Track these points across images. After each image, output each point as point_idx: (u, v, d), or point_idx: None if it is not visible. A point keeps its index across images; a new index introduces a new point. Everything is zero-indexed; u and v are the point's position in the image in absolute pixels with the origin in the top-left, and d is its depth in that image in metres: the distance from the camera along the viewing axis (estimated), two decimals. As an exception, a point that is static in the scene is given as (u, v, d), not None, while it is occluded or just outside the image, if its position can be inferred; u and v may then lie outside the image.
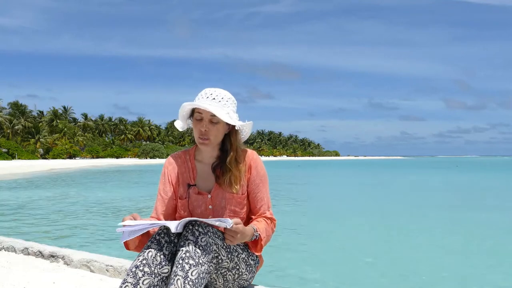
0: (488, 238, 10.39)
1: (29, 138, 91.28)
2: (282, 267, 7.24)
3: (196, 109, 2.32)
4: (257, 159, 2.46)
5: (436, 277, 6.95)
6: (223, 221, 2.07)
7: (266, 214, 2.42)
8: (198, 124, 2.33)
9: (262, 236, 2.31)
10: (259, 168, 2.45)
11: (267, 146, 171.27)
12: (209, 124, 2.31)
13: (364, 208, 16.29)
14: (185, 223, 2.12)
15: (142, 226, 2.11)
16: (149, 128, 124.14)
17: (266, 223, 2.39)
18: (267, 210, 2.43)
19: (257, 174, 2.43)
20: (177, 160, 2.49)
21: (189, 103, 2.30)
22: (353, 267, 7.53)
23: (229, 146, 2.40)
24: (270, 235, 2.40)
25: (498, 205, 17.55)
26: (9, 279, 3.13)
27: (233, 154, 2.39)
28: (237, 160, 2.40)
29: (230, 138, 2.40)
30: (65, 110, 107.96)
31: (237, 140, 2.41)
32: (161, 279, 2.05)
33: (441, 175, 45.19)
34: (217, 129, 2.32)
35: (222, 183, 2.38)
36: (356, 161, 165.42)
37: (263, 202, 2.43)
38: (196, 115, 2.34)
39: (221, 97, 2.32)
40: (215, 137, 2.33)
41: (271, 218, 2.43)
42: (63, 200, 18.08)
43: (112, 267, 3.25)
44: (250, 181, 2.42)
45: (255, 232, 2.27)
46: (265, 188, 2.46)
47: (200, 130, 2.32)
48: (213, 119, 2.30)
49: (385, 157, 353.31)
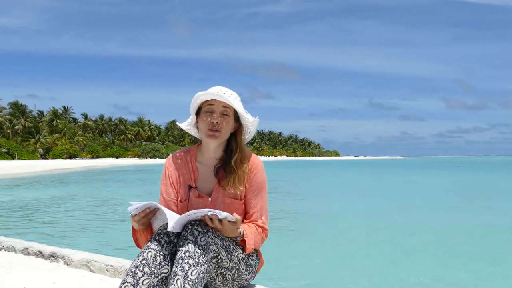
0: (492, 239, 10.38)
1: (29, 138, 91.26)
2: (282, 267, 7.24)
3: (206, 102, 2.30)
4: (258, 165, 2.42)
5: (436, 277, 6.95)
6: (216, 213, 2.09)
7: (257, 222, 2.38)
8: (208, 117, 2.30)
9: (249, 241, 2.27)
10: (258, 175, 2.41)
11: (267, 146, 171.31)
12: (220, 117, 2.29)
13: (364, 208, 16.27)
14: (183, 222, 2.13)
15: (147, 204, 2.17)
16: (149, 128, 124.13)
17: (256, 229, 2.35)
18: (259, 218, 2.39)
19: (256, 179, 2.40)
20: (178, 161, 2.46)
21: (203, 93, 2.27)
22: (353, 267, 7.52)
23: (234, 146, 2.38)
24: (259, 242, 2.35)
25: (504, 206, 17.53)
26: (9, 279, 3.14)
27: (239, 154, 2.36)
28: (242, 160, 2.37)
29: (235, 137, 2.39)
30: (65, 110, 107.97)
31: (242, 140, 2.40)
32: (160, 279, 2.05)
33: (442, 175, 45.16)
34: (228, 122, 2.31)
35: (226, 184, 2.34)
36: (356, 161, 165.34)
37: (255, 209, 2.40)
38: (206, 108, 2.31)
39: (230, 93, 2.32)
40: (225, 130, 2.32)
41: (262, 227, 2.38)
42: (63, 200, 18.08)
43: (112, 267, 3.25)
44: (248, 187, 2.40)
45: (238, 237, 2.24)
46: (261, 195, 2.41)
47: (212, 122, 2.28)
48: (224, 111, 2.29)
49: (385, 157, 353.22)
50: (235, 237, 2.24)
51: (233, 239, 2.25)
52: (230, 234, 2.19)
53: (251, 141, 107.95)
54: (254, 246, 2.31)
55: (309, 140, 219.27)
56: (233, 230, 2.17)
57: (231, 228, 2.15)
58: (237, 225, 2.16)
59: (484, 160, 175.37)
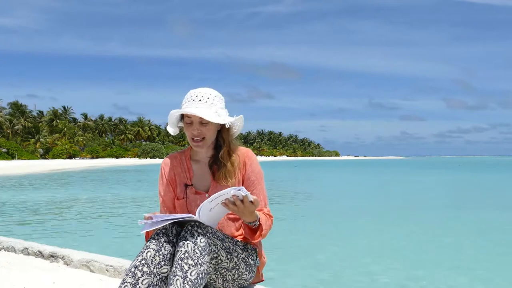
0: (495, 238, 10.39)
1: (29, 138, 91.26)
2: (281, 267, 7.24)
3: (185, 114, 2.34)
4: (252, 157, 2.48)
5: (435, 277, 6.96)
6: (238, 189, 2.09)
7: (263, 211, 2.41)
8: (189, 128, 2.35)
9: (263, 225, 2.30)
10: (253, 165, 2.46)
11: (267, 146, 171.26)
12: (200, 126, 2.33)
13: (365, 208, 16.28)
14: (208, 210, 2.13)
15: (163, 218, 2.13)
16: (149, 128, 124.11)
17: (265, 216, 2.38)
18: (264, 207, 2.43)
19: (252, 171, 2.45)
20: (173, 161, 2.52)
21: (176, 110, 2.33)
22: (353, 267, 7.52)
23: (222, 142, 2.43)
24: (268, 229, 2.38)
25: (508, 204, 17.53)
26: (9, 279, 3.14)
27: (226, 149, 2.42)
28: (230, 153, 2.42)
29: (222, 134, 2.43)
30: (65, 110, 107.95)
31: (229, 135, 2.44)
32: (160, 278, 2.06)
33: (444, 175, 45.17)
34: (208, 129, 2.34)
35: (218, 178, 2.41)
36: (356, 161, 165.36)
37: (259, 200, 2.42)
38: (185, 119, 2.36)
39: (207, 96, 2.33)
40: (208, 136, 2.36)
41: (268, 214, 2.42)
42: (63, 200, 18.08)
43: (112, 267, 3.25)
44: (245, 179, 2.44)
45: (256, 220, 2.26)
46: (261, 185, 2.47)
47: (192, 133, 2.34)
48: (202, 120, 2.32)
49: (385, 157, 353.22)
50: (252, 222, 2.25)
51: (250, 225, 2.26)
52: (249, 216, 2.20)
53: (251, 141, 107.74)
54: (265, 232, 2.34)
55: (309, 140, 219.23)
56: (252, 212, 2.18)
57: (251, 209, 2.16)
58: (257, 206, 2.17)
59: (484, 160, 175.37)
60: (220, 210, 2.20)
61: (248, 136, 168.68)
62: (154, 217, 2.14)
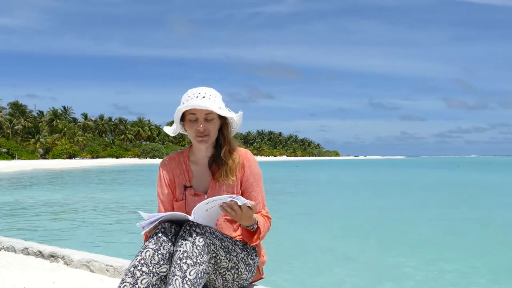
0: (495, 238, 10.39)
1: (29, 138, 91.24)
2: (281, 266, 7.25)
3: (188, 111, 2.34)
4: (251, 158, 2.48)
5: (436, 277, 6.96)
6: (236, 198, 2.10)
7: (262, 212, 2.42)
8: (193, 125, 2.34)
9: (262, 228, 2.31)
10: (252, 166, 2.46)
11: (267, 146, 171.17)
12: (205, 122, 2.33)
13: (366, 207, 16.28)
14: (203, 211, 2.14)
15: (158, 216, 2.14)
16: (149, 128, 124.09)
17: (263, 218, 2.39)
18: (262, 208, 2.43)
19: (250, 172, 2.45)
20: (172, 162, 2.51)
21: (185, 106, 2.31)
22: (353, 267, 7.53)
23: (222, 140, 2.43)
24: (266, 231, 2.39)
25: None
26: (9, 279, 3.14)
27: (227, 146, 2.42)
28: (230, 151, 2.43)
29: (222, 132, 2.43)
30: (65, 110, 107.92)
31: (229, 133, 2.45)
32: (159, 278, 2.06)
33: (445, 175, 45.17)
34: (213, 125, 2.35)
35: (219, 176, 2.40)
36: (356, 161, 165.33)
37: (257, 201, 2.43)
38: (190, 117, 2.34)
39: (210, 93, 2.35)
40: (213, 132, 2.36)
41: (267, 216, 2.42)
42: (62, 200, 18.08)
43: (112, 267, 3.25)
44: (244, 180, 2.44)
45: (254, 224, 2.27)
46: (259, 186, 2.47)
47: (198, 130, 2.33)
48: (207, 116, 2.32)
49: (385, 157, 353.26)
50: (250, 225, 2.26)
51: (248, 228, 2.27)
52: (246, 220, 2.22)
53: (251, 141, 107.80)
54: (263, 235, 2.34)
55: (309, 140, 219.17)
56: (250, 217, 2.20)
57: (249, 214, 2.18)
58: (254, 210, 2.18)
59: (484, 160, 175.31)
60: (216, 211, 2.20)
61: (248, 136, 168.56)
62: (150, 216, 2.15)
